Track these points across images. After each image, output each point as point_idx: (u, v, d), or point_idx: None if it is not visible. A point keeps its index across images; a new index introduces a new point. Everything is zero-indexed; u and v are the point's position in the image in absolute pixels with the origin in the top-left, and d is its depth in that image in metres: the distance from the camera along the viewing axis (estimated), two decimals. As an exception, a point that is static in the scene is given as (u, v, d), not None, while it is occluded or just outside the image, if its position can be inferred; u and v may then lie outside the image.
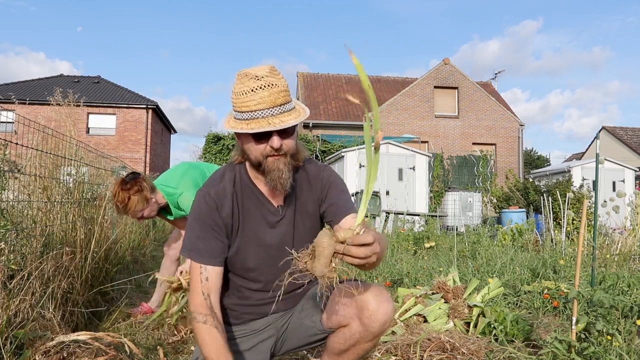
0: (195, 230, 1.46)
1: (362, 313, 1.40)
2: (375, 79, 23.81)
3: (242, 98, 1.35)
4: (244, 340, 1.55)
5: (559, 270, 4.01)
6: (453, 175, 16.05)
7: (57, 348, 2.02)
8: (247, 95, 1.34)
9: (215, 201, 1.47)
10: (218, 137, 16.40)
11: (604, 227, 6.38)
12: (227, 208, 1.48)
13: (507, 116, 20.55)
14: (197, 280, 1.43)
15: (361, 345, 1.46)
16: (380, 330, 1.41)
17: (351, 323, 1.42)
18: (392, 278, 4.15)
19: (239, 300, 1.57)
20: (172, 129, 27.98)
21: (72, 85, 21.13)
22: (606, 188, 12.83)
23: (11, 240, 2.34)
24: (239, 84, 1.37)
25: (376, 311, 1.39)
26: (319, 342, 1.56)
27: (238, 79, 1.38)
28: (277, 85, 1.36)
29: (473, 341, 2.49)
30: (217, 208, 1.46)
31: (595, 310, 2.23)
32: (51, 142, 2.96)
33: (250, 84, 1.34)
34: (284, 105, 1.36)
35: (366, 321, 1.39)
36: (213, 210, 1.46)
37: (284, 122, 1.34)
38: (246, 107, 1.34)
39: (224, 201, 1.48)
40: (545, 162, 36.49)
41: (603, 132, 25.99)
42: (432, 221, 8.30)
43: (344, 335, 1.45)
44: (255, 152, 1.41)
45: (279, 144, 1.37)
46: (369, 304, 1.39)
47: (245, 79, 1.36)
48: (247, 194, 1.51)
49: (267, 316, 1.59)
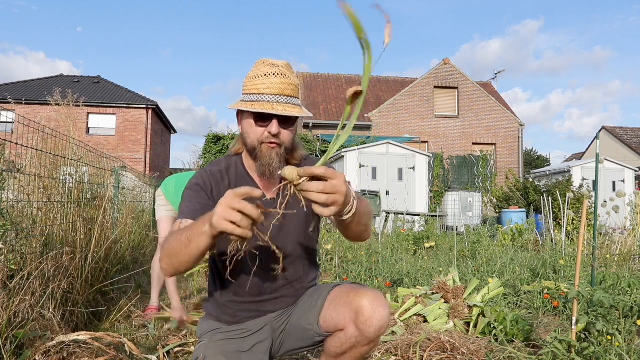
0: (185, 196, 1.48)
1: (357, 318, 1.40)
2: (375, 79, 23.80)
3: (254, 81, 1.40)
4: (242, 341, 1.55)
5: (559, 270, 4.01)
6: (453, 175, 16.04)
7: (57, 348, 2.02)
8: (259, 79, 1.39)
9: (211, 179, 1.50)
10: (218, 137, 16.40)
11: (604, 227, 6.38)
12: (217, 191, 1.49)
13: (507, 116, 20.55)
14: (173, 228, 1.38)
15: (358, 349, 1.46)
16: (375, 335, 1.42)
17: (347, 327, 1.43)
18: (392, 278, 4.15)
19: (233, 297, 1.57)
20: (172, 129, 27.98)
21: (72, 85, 21.13)
22: (606, 188, 12.83)
23: (11, 240, 2.34)
24: (255, 69, 1.43)
25: (371, 317, 1.39)
26: (317, 345, 1.56)
27: (255, 65, 1.44)
28: (290, 78, 1.41)
29: (473, 341, 2.49)
30: (211, 185, 1.49)
31: (595, 310, 2.23)
32: (51, 142, 2.96)
33: (265, 69, 1.40)
34: (291, 97, 1.40)
35: (362, 326, 1.40)
36: (207, 185, 1.49)
37: (287, 111, 1.37)
38: (255, 89, 1.39)
39: (219, 183, 1.51)
40: (545, 162, 36.48)
41: (603, 132, 25.99)
42: (432, 221, 8.30)
43: (340, 339, 1.45)
44: (253, 135, 1.43)
45: (277, 130, 1.39)
46: (364, 309, 1.39)
47: (262, 65, 1.42)
48: (240, 183, 1.53)
49: (264, 316, 1.58)
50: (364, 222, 1.34)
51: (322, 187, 1.07)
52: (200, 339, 1.60)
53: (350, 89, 1.09)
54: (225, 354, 1.49)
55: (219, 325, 1.58)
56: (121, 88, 23.63)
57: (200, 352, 1.52)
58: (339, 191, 1.09)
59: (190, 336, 2.65)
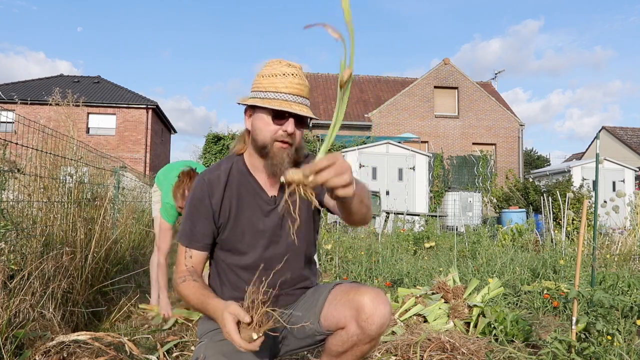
0: (186, 213, 1.54)
1: (359, 316, 1.41)
2: (375, 79, 23.81)
3: (271, 79, 1.42)
4: None
5: (559, 270, 4.01)
6: (453, 175, 16.04)
7: (57, 348, 2.02)
8: (278, 77, 1.41)
9: (208, 187, 1.52)
10: (218, 137, 16.40)
11: (604, 227, 6.38)
12: (218, 195, 1.52)
13: (507, 116, 20.55)
14: (181, 258, 1.52)
15: (359, 348, 1.47)
16: (377, 333, 1.42)
17: (348, 325, 1.43)
18: (392, 278, 4.15)
19: (236, 293, 1.57)
20: (172, 129, 27.98)
21: (72, 85, 21.13)
22: (606, 188, 12.83)
23: (11, 240, 2.34)
24: (270, 67, 1.45)
25: (373, 314, 1.40)
26: (318, 344, 1.56)
27: (269, 64, 1.46)
28: (305, 80, 1.46)
29: (473, 341, 2.50)
30: (209, 195, 1.52)
31: (595, 310, 2.23)
32: (51, 142, 2.96)
33: (283, 69, 1.43)
34: (305, 99, 1.45)
35: (363, 324, 1.40)
36: (205, 196, 1.52)
37: (304, 112, 1.41)
38: (274, 87, 1.41)
39: (215, 189, 1.52)
40: (546, 162, 36.48)
41: (603, 132, 26.00)
42: (432, 221, 8.30)
43: (342, 337, 1.46)
44: (267, 132, 1.43)
45: (293, 129, 1.42)
46: (365, 307, 1.40)
47: (279, 64, 1.45)
48: (243, 182, 1.55)
49: None
50: (366, 201, 1.34)
51: (334, 172, 1.06)
52: (200, 340, 1.60)
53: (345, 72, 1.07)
54: (225, 354, 1.49)
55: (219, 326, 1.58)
56: (121, 88, 23.62)
57: (200, 352, 1.52)
58: (347, 169, 1.08)
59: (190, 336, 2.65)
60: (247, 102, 1.46)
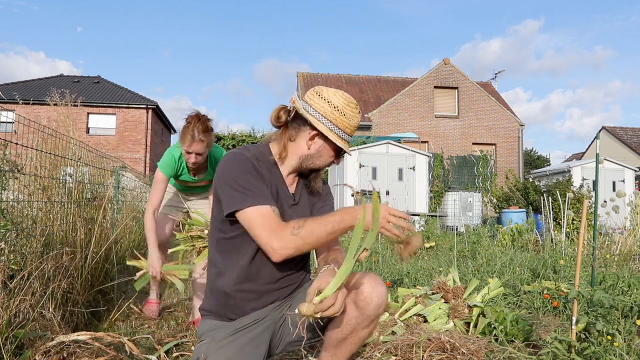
0: (242, 182, 1.46)
1: (357, 297, 1.45)
2: (375, 79, 23.81)
3: (342, 117, 1.54)
4: (243, 334, 1.55)
5: (559, 270, 4.01)
6: (453, 175, 16.03)
7: (57, 348, 2.02)
8: (347, 117, 1.55)
9: (255, 162, 1.53)
10: (218, 137, 16.39)
11: (604, 227, 6.38)
12: (264, 173, 1.54)
13: (507, 116, 20.56)
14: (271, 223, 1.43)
15: (358, 333, 1.50)
16: (375, 313, 1.47)
17: (347, 308, 1.45)
18: (392, 278, 4.15)
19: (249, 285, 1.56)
20: (172, 129, 27.98)
21: (72, 85, 21.16)
22: (606, 188, 12.83)
23: (11, 240, 2.34)
24: (341, 100, 1.55)
25: (370, 294, 1.45)
26: (316, 337, 1.57)
27: (339, 94, 1.55)
28: None
29: (473, 341, 2.49)
30: (259, 165, 1.53)
31: (595, 310, 2.23)
32: (51, 142, 2.96)
33: (352, 111, 1.56)
34: None
35: (361, 304, 1.45)
36: (256, 166, 1.52)
37: (349, 152, 1.67)
38: (342, 125, 1.55)
39: (260, 167, 1.54)
40: (546, 162, 36.50)
41: (603, 132, 26.00)
42: (432, 221, 8.31)
43: (341, 321, 1.48)
44: (325, 161, 1.62)
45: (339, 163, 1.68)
46: (363, 287, 1.45)
47: (348, 105, 1.56)
48: (272, 171, 1.59)
49: (266, 307, 1.59)
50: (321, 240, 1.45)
51: (334, 310, 1.30)
52: (200, 339, 1.60)
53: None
54: (226, 351, 1.49)
55: (220, 324, 1.58)
56: (121, 88, 23.63)
57: (201, 351, 1.52)
58: (342, 305, 1.34)
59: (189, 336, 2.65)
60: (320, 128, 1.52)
